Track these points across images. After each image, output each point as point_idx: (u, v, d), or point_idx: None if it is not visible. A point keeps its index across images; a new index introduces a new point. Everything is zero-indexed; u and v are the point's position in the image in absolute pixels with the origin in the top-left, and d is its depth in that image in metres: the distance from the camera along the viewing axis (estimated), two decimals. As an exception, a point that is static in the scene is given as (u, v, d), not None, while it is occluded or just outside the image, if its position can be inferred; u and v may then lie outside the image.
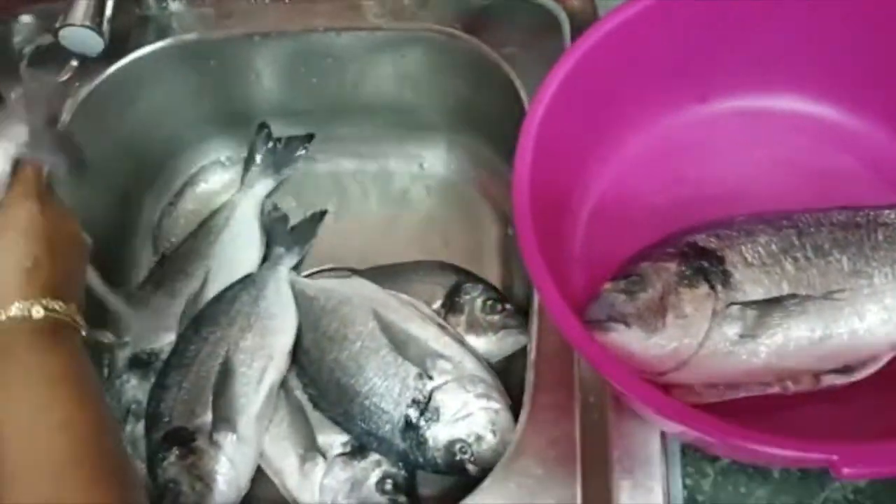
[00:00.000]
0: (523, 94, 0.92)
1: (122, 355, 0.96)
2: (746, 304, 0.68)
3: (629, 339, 0.68)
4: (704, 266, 0.70)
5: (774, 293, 0.69)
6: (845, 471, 0.53)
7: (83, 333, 0.73)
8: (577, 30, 0.93)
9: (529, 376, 0.76)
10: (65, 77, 1.02)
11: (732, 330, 0.67)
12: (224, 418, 0.87)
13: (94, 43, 0.97)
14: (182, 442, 0.86)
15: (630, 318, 0.68)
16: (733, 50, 0.82)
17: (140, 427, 0.92)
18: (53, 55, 1.00)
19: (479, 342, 0.92)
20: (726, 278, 0.70)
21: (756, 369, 0.67)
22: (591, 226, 0.82)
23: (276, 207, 1.11)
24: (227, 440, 0.86)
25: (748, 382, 0.67)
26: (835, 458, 0.53)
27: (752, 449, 0.55)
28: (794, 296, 0.69)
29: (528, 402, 0.75)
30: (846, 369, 0.67)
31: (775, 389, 0.67)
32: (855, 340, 0.67)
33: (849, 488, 0.70)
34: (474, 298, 0.95)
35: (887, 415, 0.64)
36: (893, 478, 0.70)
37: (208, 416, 0.87)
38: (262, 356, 0.92)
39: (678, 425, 0.57)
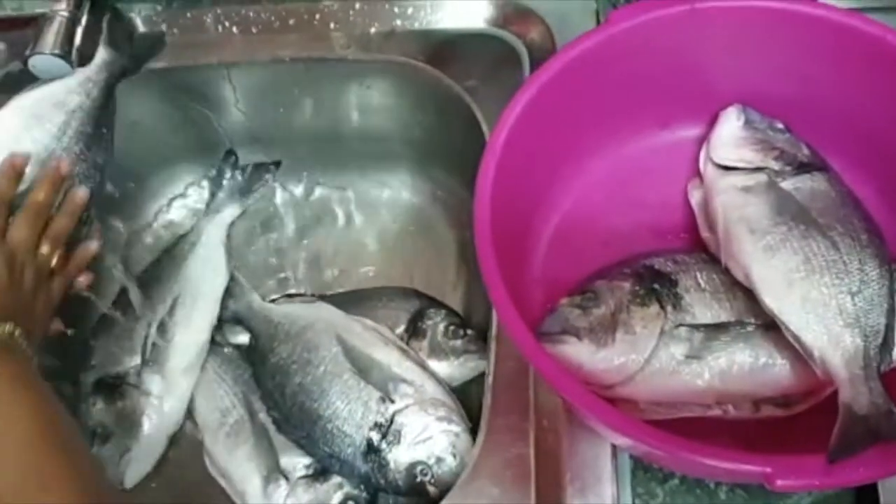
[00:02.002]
0: (484, 126, 0.94)
1: (88, 379, 0.97)
2: (694, 327, 0.71)
3: (579, 351, 0.71)
4: (657, 287, 0.74)
5: (723, 319, 0.72)
6: (779, 482, 0.55)
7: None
8: (537, 63, 0.95)
9: (487, 400, 0.78)
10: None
11: (679, 350, 0.70)
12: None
13: (63, 70, 0.97)
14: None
15: (582, 331, 0.71)
16: (691, 79, 0.84)
17: (106, 448, 0.93)
18: (23, 82, 1.01)
19: (441, 366, 0.94)
20: (677, 300, 0.73)
21: (699, 390, 0.69)
22: (552, 246, 0.84)
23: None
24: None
25: (690, 403, 0.70)
26: (768, 470, 0.56)
27: (690, 459, 0.58)
28: (740, 322, 0.71)
29: (485, 425, 0.77)
30: (785, 401, 0.70)
31: (716, 412, 0.69)
32: (796, 370, 0.70)
33: (792, 509, 0.72)
34: (437, 324, 0.97)
35: (821, 437, 0.66)
36: (833, 494, 0.72)
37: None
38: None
39: (619, 434, 0.60)
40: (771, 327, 0.70)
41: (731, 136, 0.81)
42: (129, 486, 0.93)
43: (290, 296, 1.06)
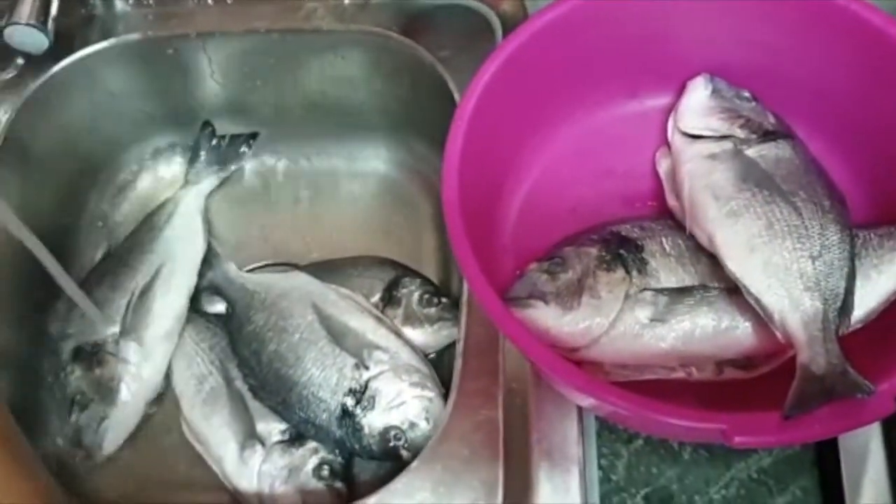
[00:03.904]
0: (457, 97, 0.94)
1: (67, 347, 0.98)
2: (659, 291, 0.72)
3: (545, 315, 0.72)
4: (623, 253, 0.75)
5: (688, 283, 0.73)
6: (737, 439, 0.57)
7: None
8: (509, 33, 0.96)
9: (457, 364, 0.80)
10: (10, 75, 1.03)
11: (643, 313, 0.71)
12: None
13: (39, 41, 0.98)
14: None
15: (549, 296, 0.73)
16: (660, 49, 0.85)
17: (84, 416, 0.94)
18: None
19: (416, 334, 0.95)
20: (643, 265, 0.74)
21: (662, 353, 0.71)
22: (521, 215, 0.85)
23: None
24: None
25: (654, 365, 0.71)
26: (724, 427, 0.57)
27: (650, 417, 0.59)
28: (704, 286, 0.73)
29: (456, 389, 0.78)
30: (747, 364, 0.72)
31: (679, 375, 0.71)
32: (758, 333, 0.71)
33: (753, 468, 0.74)
34: (412, 292, 0.98)
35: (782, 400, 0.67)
36: (794, 454, 0.74)
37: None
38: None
39: (583, 394, 0.62)
40: (734, 291, 0.71)
41: (698, 105, 0.82)
42: (106, 453, 0.94)
43: (266, 265, 1.07)
